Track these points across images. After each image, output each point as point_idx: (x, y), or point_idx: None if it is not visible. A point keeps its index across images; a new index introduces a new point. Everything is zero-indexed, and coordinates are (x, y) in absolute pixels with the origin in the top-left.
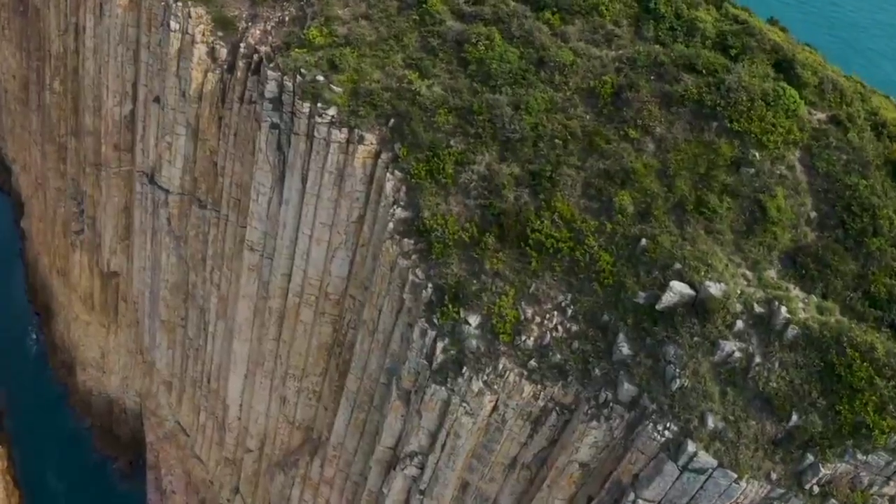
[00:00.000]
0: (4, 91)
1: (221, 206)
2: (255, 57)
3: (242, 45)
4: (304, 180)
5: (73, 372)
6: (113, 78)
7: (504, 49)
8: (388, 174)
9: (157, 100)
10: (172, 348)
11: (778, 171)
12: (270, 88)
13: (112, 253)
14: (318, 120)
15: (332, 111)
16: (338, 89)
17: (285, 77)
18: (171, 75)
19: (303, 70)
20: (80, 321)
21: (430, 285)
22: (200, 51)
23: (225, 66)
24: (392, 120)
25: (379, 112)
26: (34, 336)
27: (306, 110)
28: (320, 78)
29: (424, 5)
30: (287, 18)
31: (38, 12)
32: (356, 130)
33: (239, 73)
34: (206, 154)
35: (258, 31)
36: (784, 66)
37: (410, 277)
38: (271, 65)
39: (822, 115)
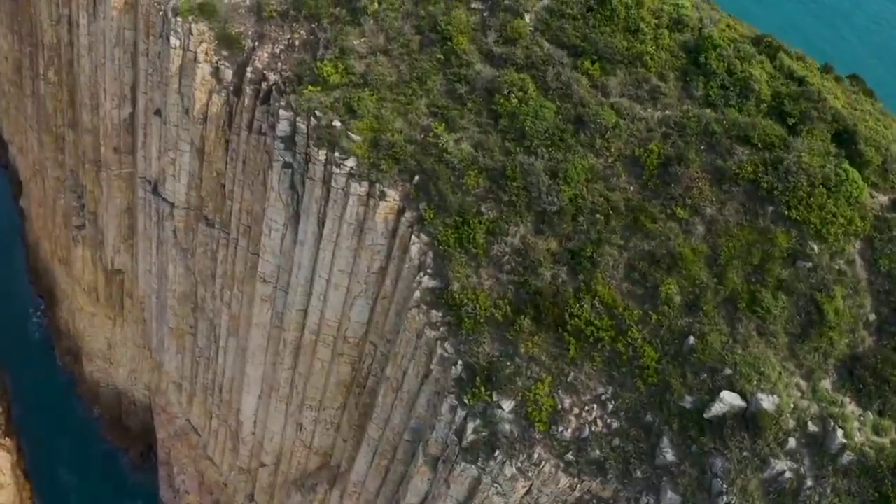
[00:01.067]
0: None
1: (231, 229)
2: (264, 85)
3: (249, 69)
4: (320, 225)
5: (79, 360)
6: (110, 81)
7: (539, 103)
8: (413, 236)
9: (157, 112)
10: (182, 353)
11: (836, 267)
12: (282, 127)
13: (116, 252)
14: (336, 170)
15: (350, 162)
16: (356, 137)
17: (298, 118)
18: (172, 92)
19: (317, 112)
20: (84, 312)
21: (460, 362)
22: (204, 70)
23: (231, 88)
24: (417, 177)
25: (402, 167)
26: (37, 319)
27: (322, 157)
28: (337, 123)
29: (450, 43)
30: (297, 42)
31: (29, 1)
32: (377, 185)
33: (246, 100)
34: (212, 175)
35: (266, 55)
36: (845, 139)
37: (439, 351)
38: (283, 103)
39: (884, 199)
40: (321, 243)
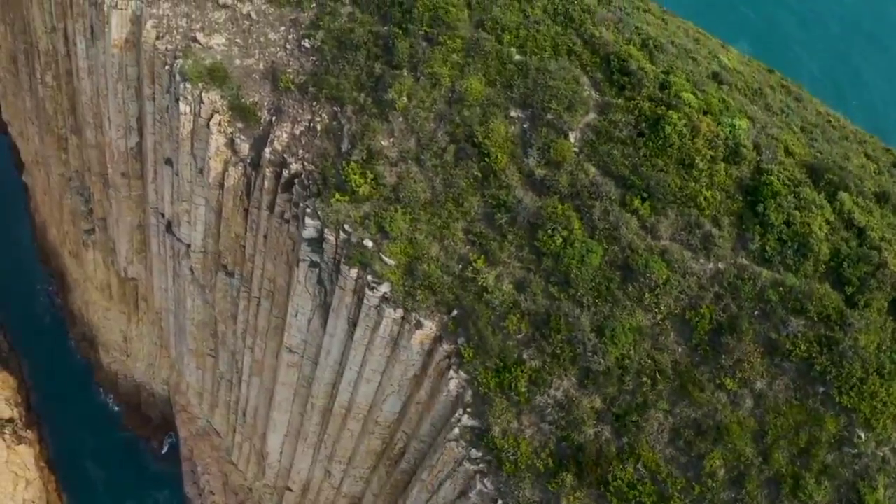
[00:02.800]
0: None
1: (252, 287)
2: (286, 172)
3: (268, 149)
4: (350, 325)
5: (95, 348)
6: (114, 112)
7: (586, 246)
8: (451, 371)
9: (168, 162)
10: (202, 370)
11: (881, 454)
12: (309, 232)
13: (128, 263)
14: (369, 294)
15: (384, 287)
16: (390, 262)
17: (326, 228)
18: (184, 152)
19: (346, 227)
20: (98, 305)
21: (500, 501)
22: (218, 141)
23: (248, 161)
24: (455, 311)
25: (439, 298)
26: (47, 299)
27: (353, 275)
28: (369, 243)
29: (487, 159)
30: (318, 127)
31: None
32: (413, 314)
33: (266, 183)
34: (231, 235)
35: (285, 134)
36: None
37: (478, 486)
38: (309, 209)
39: None
40: (352, 342)
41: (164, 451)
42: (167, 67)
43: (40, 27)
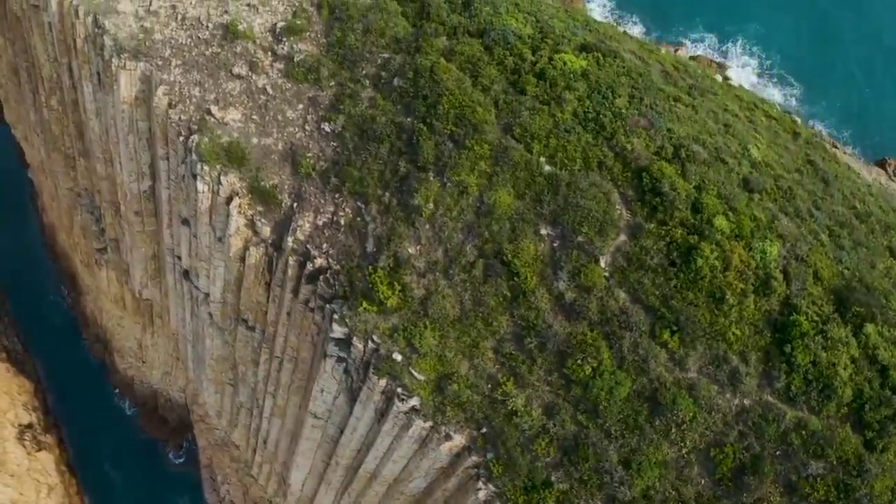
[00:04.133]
0: None
1: (274, 348)
2: (310, 265)
3: (290, 238)
4: (378, 416)
5: (109, 351)
6: (126, 160)
7: (614, 378)
8: (480, 482)
9: (185, 222)
10: (221, 394)
11: None
12: (336, 335)
13: (143, 286)
14: (399, 403)
15: (414, 401)
16: (420, 377)
17: (354, 336)
18: (202, 222)
19: (375, 337)
20: (112, 313)
21: None
22: (238, 222)
23: (270, 242)
24: (484, 428)
25: (469, 416)
26: (59, 298)
27: (382, 384)
28: (398, 357)
29: (516, 279)
30: (342, 221)
31: (19, 20)
32: (443, 427)
33: (290, 270)
34: (253, 301)
35: (308, 224)
36: None
37: None
38: (336, 316)
39: None
40: (380, 429)
41: (182, 454)
42: (181, 138)
43: (42, 55)
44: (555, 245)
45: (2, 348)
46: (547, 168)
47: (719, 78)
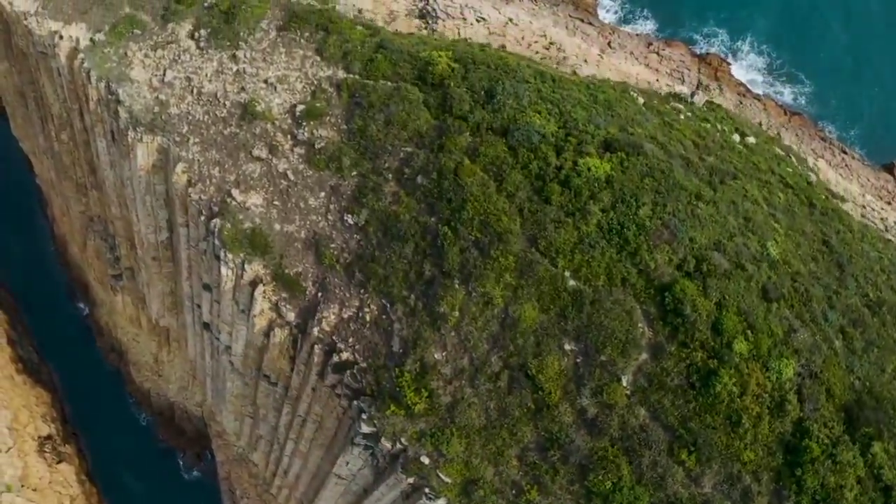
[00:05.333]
0: None
1: (298, 408)
2: (336, 357)
3: (317, 328)
4: (403, 497)
5: (124, 362)
6: (143, 215)
7: (633, 493)
8: None
9: (207, 287)
10: (240, 421)
11: None
12: (364, 430)
13: (161, 316)
14: (426, 500)
15: (441, 502)
16: (446, 479)
17: (382, 437)
18: (225, 298)
19: (403, 440)
20: (127, 330)
21: None
22: (263, 305)
23: (294, 326)
24: None
25: None
26: (73, 307)
27: (410, 481)
28: (425, 460)
29: (540, 392)
30: (367, 317)
31: (25, 57)
32: None
33: (316, 358)
34: (276, 367)
35: (333, 316)
36: None
37: None
38: (364, 416)
39: None
40: None
41: (201, 464)
42: (202, 217)
43: (51, 94)
44: (578, 361)
45: (18, 359)
46: (571, 283)
47: (737, 138)
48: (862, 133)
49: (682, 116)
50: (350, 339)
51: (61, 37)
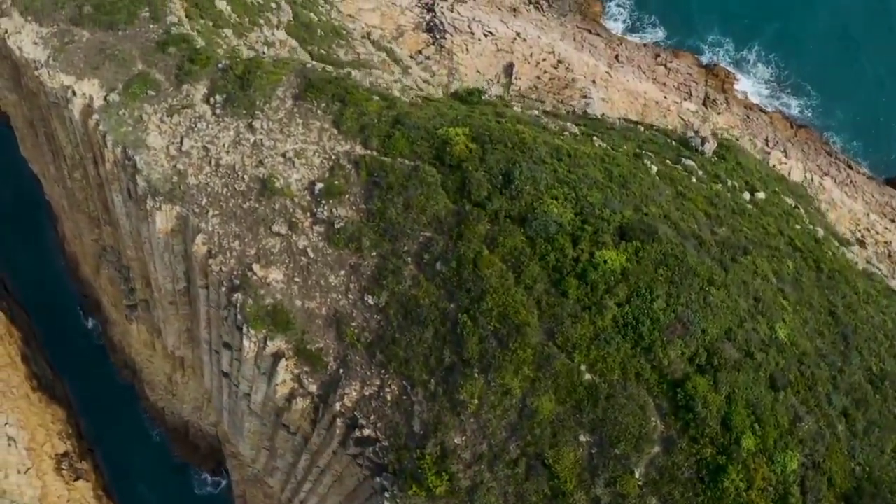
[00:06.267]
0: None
1: (317, 460)
2: (358, 433)
3: (338, 403)
4: None
5: (138, 380)
6: (161, 267)
7: None
8: None
9: (227, 346)
10: (257, 450)
11: None
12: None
13: (176, 347)
14: None
15: None
16: None
17: None
18: (247, 364)
19: None
20: (141, 351)
21: None
22: (285, 377)
23: (316, 396)
24: None
25: None
26: (86, 322)
27: None
28: None
29: (556, 480)
30: (389, 397)
31: (36, 95)
32: None
33: (337, 430)
34: (297, 424)
35: (354, 393)
36: None
37: None
38: (387, 494)
39: None
40: None
41: (216, 479)
42: (223, 289)
43: (64, 138)
44: (593, 452)
45: (32, 375)
46: (587, 377)
47: (747, 195)
48: (867, 144)
49: (693, 179)
50: (371, 417)
51: (74, 93)
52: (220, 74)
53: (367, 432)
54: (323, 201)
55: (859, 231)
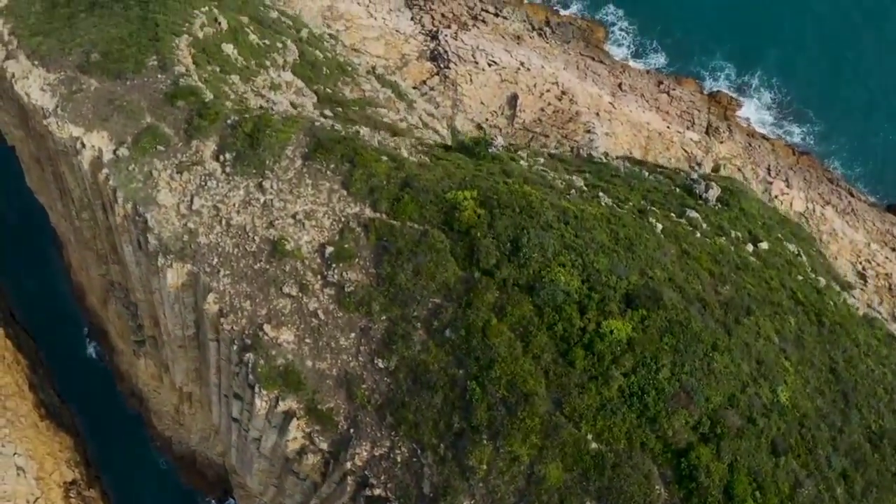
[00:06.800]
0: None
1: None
2: (369, 492)
3: (349, 463)
4: None
5: (145, 408)
6: (171, 317)
7: None
8: None
9: (238, 396)
10: (264, 485)
11: None
12: None
13: (184, 384)
14: None
15: None
16: None
17: None
18: (258, 417)
19: None
20: (148, 383)
21: None
22: (296, 434)
23: (327, 453)
24: None
25: None
26: (93, 348)
27: None
28: None
29: None
30: (399, 459)
31: (43, 138)
32: None
33: (348, 487)
34: (307, 473)
35: (364, 452)
36: None
37: None
38: None
39: None
40: None
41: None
42: (235, 347)
43: (72, 181)
44: None
45: (40, 403)
46: (594, 446)
47: (750, 247)
48: (869, 169)
49: (697, 234)
50: (382, 476)
51: (83, 144)
52: (230, 131)
53: (377, 491)
54: (333, 265)
55: (860, 263)
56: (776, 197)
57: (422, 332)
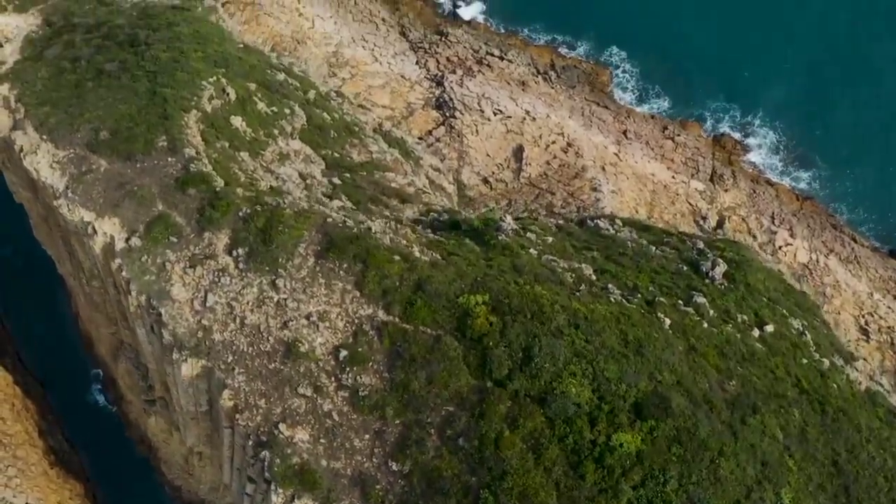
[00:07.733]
0: None
1: None
2: None
3: None
4: None
5: (154, 456)
6: (184, 396)
7: None
8: None
9: (251, 479)
10: None
11: None
12: None
13: (196, 446)
14: None
15: None
16: None
17: None
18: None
19: None
20: (157, 434)
21: None
22: None
23: None
24: None
25: None
26: (101, 395)
27: None
28: None
29: None
30: None
31: (52, 210)
32: None
33: None
34: None
35: None
36: None
37: None
38: None
39: None
40: None
41: None
42: (251, 443)
43: (82, 254)
44: None
45: (49, 450)
46: None
47: (756, 333)
48: (874, 213)
49: (704, 325)
50: None
51: (94, 230)
52: (242, 224)
53: None
54: (347, 368)
55: (863, 317)
56: (780, 248)
57: (435, 439)
